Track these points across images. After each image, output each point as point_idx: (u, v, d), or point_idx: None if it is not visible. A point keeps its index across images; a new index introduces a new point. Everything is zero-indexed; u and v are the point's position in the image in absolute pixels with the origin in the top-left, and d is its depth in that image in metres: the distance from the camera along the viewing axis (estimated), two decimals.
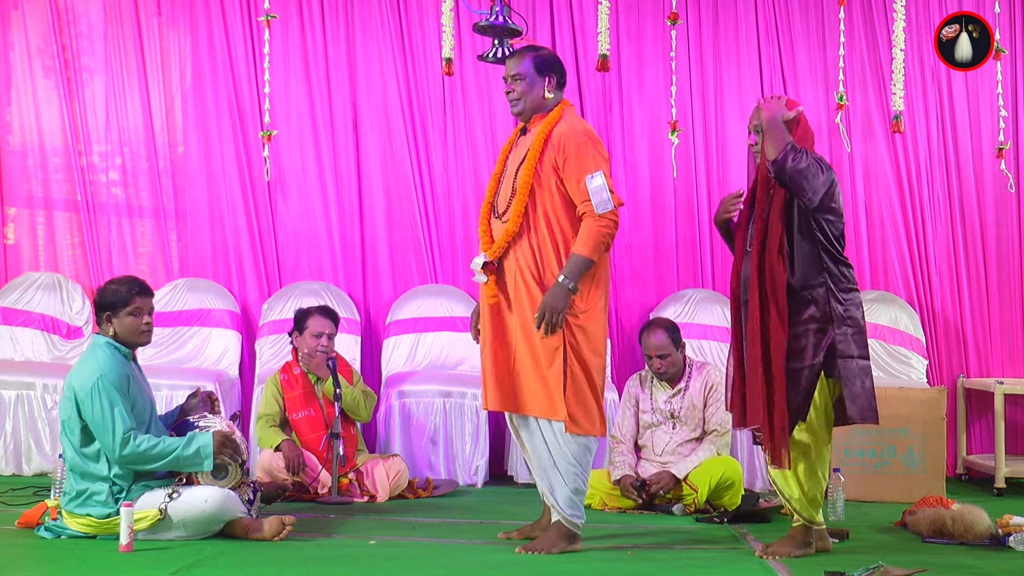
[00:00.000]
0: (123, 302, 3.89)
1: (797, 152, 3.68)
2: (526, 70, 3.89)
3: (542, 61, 3.92)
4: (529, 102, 3.90)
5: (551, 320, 3.73)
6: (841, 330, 3.71)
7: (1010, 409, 5.90)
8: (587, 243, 3.75)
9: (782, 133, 3.74)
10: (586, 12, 6.12)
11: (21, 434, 5.42)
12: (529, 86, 3.89)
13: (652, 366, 4.96)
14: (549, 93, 3.91)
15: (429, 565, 3.60)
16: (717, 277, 6.16)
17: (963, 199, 6.17)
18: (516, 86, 3.90)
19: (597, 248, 3.77)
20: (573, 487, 3.81)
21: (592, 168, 3.77)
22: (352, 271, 6.19)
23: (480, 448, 5.52)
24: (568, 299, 3.75)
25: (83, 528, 3.80)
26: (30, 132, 6.17)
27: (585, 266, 3.76)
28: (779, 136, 3.73)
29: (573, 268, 3.75)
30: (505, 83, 3.95)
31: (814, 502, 3.80)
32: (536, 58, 3.92)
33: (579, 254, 3.75)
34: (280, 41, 6.11)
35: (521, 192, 3.81)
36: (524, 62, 3.91)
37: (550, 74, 3.91)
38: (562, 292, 3.74)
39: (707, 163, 6.20)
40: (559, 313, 3.74)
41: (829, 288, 3.72)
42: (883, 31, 6.15)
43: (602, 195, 3.75)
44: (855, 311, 3.75)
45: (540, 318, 3.74)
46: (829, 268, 3.72)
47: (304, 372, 5.11)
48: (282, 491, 4.75)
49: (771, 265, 3.71)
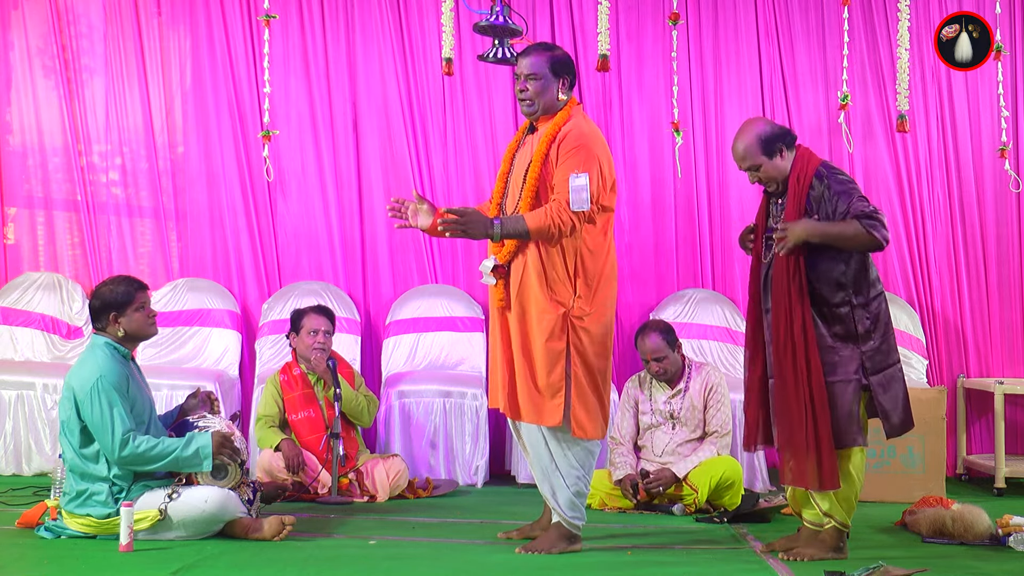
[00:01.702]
0: (128, 300, 3.90)
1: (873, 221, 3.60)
2: (541, 70, 3.83)
3: (558, 62, 3.86)
4: (542, 103, 3.85)
5: (457, 227, 3.68)
6: (868, 345, 3.70)
7: (1010, 409, 5.90)
8: (537, 219, 3.69)
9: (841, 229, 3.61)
10: (586, 12, 6.11)
11: (21, 434, 5.42)
12: (544, 87, 3.84)
13: (650, 370, 4.96)
14: (563, 95, 3.87)
15: (429, 565, 3.60)
16: (717, 277, 6.16)
17: (963, 199, 6.17)
18: (530, 85, 3.84)
19: (542, 230, 3.69)
20: (575, 490, 3.81)
21: (580, 168, 3.71)
22: (352, 271, 6.19)
23: (480, 448, 5.52)
24: (484, 233, 3.70)
25: (83, 528, 3.81)
26: (30, 132, 6.17)
27: (519, 231, 3.70)
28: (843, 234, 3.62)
29: (510, 223, 3.70)
30: (517, 80, 3.89)
31: (847, 502, 3.74)
32: (552, 59, 3.86)
33: (524, 221, 3.70)
34: (280, 41, 6.11)
35: (528, 194, 3.78)
36: (539, 61, 3.84)
37: (565, 75, 3.86)
38: (486, 224, 3.70)
39: (707, 163, 6.20)
40: (465, 232, 3.68)
41: (852, 303, 3.70)
42: (883, 31, 6.14)
43: (581, 194, 3.68)
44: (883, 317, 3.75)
45: (454, 222, 3.69)
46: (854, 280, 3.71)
47: (304, 373, 5.11)
48: (282, 491, 4.75)
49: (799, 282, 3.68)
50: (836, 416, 3.66)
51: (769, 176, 3.79)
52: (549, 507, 3.91)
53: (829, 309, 3.71)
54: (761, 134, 3.77)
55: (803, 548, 3.75)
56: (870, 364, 3.71)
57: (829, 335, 3.69)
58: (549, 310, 3.75)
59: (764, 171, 3.78)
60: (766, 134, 3.77)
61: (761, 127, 3.80)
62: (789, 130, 3.85)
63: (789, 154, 3.78)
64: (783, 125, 3.87)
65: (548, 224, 3.69)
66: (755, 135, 3.77)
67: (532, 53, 3.89)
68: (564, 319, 3.76)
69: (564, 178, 3.71)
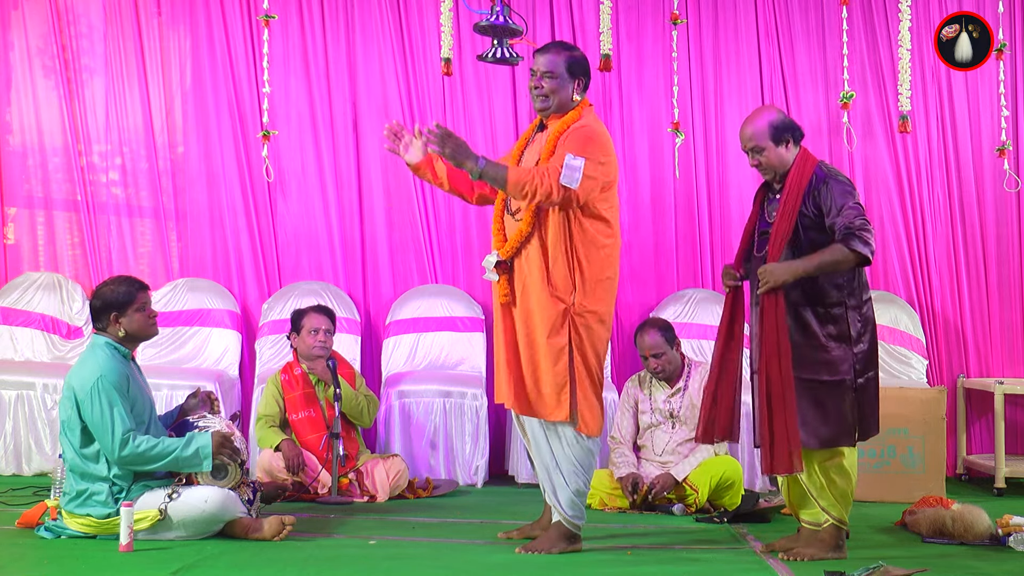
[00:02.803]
0: (129, 300, 3.91)
1: (855, 239, 3.59)
2: (558, 69, 3.84)
3: (576, 63, 3.87)
4: (556, 101, 3.85)
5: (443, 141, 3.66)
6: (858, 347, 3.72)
7: (1010, 409, 5.90)
8: (520, 175, 3.69)
9: (822, 259, 3.61)
10: (586, 12, 6.12)
11: (21, 434, 5.42)
12: (559, 85, 3.84)
13: (648, 366, 4.96)
14: (577, 95, 3.88)
15: (429, 565, 3.60)
16: (717, 277, 6.15)
17: (963, 199, 6.17)
18: (545, 83, 3.85)
19: (518, 184, 3.68)
20: (575, 488, 3.81)
21: (581, 152, 3.71)
22: (352, 271, 6.19)
23: (480, 448, 5.52)
24: (464, 160, 3.68)
25: (83, 528, 3.81)
26: (30, 132, 6.17)
27: (496, 177, 3.70)
28: (825, 263, 3.61)
29: (492, 168, 3.70)
30: (532, 76, 3.89)
31: (843, 499, 3.74)
32: (571, 59, 3.87)
33: (506, 171, 3.70)
34: (280, 41, 6.11)
35: None
36: (558, 60, 3.85)
37: (581, 77, 3.87)
38: (467, 152, 3.69)
39: (707, 163, 6.20)
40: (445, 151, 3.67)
41: (847, 304, 3.71)
42: (883, 31, 6.14)
43: (574, 173, 3.67)
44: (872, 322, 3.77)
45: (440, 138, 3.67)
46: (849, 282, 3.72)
47: (305, 372, 5.11)
48: (282, 491, 4.75)
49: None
50: (826, 414, 3.67)
51: (770, 163, 3.80)
52: (549, 507, 3.91)
53: (825, 309, 3.71)
54: (773, 120, 3.81)
55: (803, 548, 3.75)
56: (860, 366, 3.73)
57: (823, 334, 3.70)
58: (551, 306, 3.76)
59: (766, 156, 3.79)
60: (778, 121, 3.81)
61: (774, 114, 3.84)
62: (800, 127, 3.86)
63: (794, 149, 3.80)
64: (795, 121, 3.88)
65: (527, 181, 3.68)
66: (767, 119, 3.81)
67: (551, 51, 3.90)
68: (565, 315, 3.77)
69: (562, 154, 3.72)
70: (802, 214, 3.71)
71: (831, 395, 3.69)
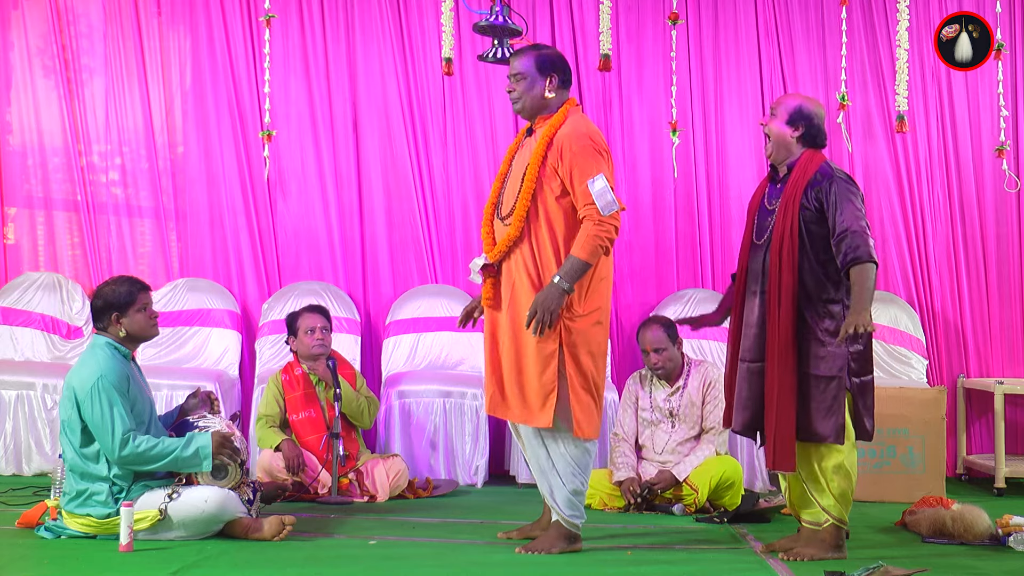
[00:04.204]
0: (130, 301, 3.91)
1: (854, 253, 3.60)
2: (527, 69, 3.85)
3: (544, 60, 3.87)
4: (529, 101, 3.87)
5: (542, 319, 3.68)
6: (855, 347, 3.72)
7: (1010, 409, 5.90)
8: (585, 246, 3.71)
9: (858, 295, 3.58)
10: (586, 12, 6.12)
11: (21, 434, 5.42)
12: (529, 85, 3.86)
13: (649, 362, 4.96)
14: (550, 93, 3.87)
15: (429, 565, 3.60)
16: (717, 277, 6.16)
17: (963, 199, 6.17)
18: (517, 85, 3.87)
19: (595, 252, 3.72)
20: (572, 488, 3.81)
21: (594, 171, 3.72)
22: (352, 271, 6.19)
23: (480, 448, 5.52)
24: (562, 301, 3.70)
25: (83, 528, 3.81)
26: (30, 132, 6.16)
27: (582, 269, 3.71)
28: (863, 296, 3.57)
29: (569, 270, 3.70)
30: (508, 82, 3.93)
31: (843, 498, 3.73)
32: (538, 57, 3.87)
33: (577, 257, 3.71)
34: (280, 41, 6.11)
35: (523, 196, 3.79)
36: (525, 61, 3.87)
37: (552, 73, 3.86)
38: (556, 293, 3.70)
39: (707, 163, 6.20)
40: (551, 313, 3.69)
41: (844, 303, 3.72)
42: (883, 31, 6.14)
43: (606, 197, 3.70)
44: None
45: (531, 316, 3.69)
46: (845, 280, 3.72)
47: (306, 373, 5.11)
48: (282, 491, 4.75)
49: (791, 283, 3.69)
50: (814, 408, 3.67)
51: (772, 132, 3.84)
52: (549, 507, 3.91)
53: (823, 305, 3.72)
54: (803, 107, 3.82)
55: (803, 548, 3.75)
56: (855, 366, 3.73)
57: (819, 329, 3.70)
58: None
59: (775, 125, 3.83)
60: (806, 110, 3.81)
61: (810, 105, 3.84)
62: (822, 134, 3.84)
63: (806, 145, 3.80)
64: (823, 128, 3.87)
65: (594, 244, 3.71)
66: (798, 103, 3.83)
67: (520, 54, 3.92)
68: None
69: (583, 189, 3.72)
70: (803, 206, 3.72)
71: (821, 390, 3.68)
